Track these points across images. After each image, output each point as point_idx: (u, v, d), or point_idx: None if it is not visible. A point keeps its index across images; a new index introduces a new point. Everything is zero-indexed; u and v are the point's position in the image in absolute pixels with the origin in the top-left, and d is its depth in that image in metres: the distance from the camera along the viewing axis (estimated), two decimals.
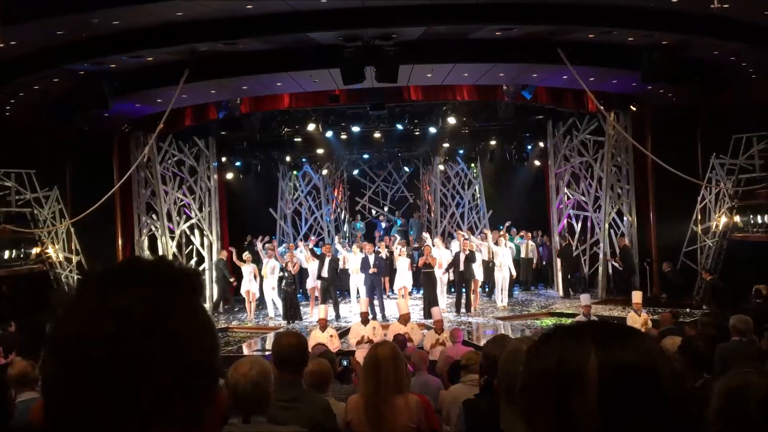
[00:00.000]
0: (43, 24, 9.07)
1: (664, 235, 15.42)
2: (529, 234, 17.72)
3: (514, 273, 15.74)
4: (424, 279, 14.53)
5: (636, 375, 0.85)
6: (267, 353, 9.06)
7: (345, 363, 6.69)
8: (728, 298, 12.70)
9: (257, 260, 15.94)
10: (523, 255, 17.36)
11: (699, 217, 14.65)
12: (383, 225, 21.17)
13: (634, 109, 14.92)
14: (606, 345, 0.87)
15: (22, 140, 13.28)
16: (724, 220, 14.08)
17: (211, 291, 16.94)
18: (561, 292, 16.48)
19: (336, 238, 18.74)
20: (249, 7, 9.42)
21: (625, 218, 16.02)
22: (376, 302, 14.34)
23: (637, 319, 10.93)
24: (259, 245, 16.37)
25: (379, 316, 13.96)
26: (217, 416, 0.83)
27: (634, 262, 15.56)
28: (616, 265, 15.40)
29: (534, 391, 0.90)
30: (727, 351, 5.70)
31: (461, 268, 14.47)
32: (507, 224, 16.81)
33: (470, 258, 14.49)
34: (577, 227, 16.91)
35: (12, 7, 7.17)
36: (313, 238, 19.25)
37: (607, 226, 15.79)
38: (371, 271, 14.39)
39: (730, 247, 14.06)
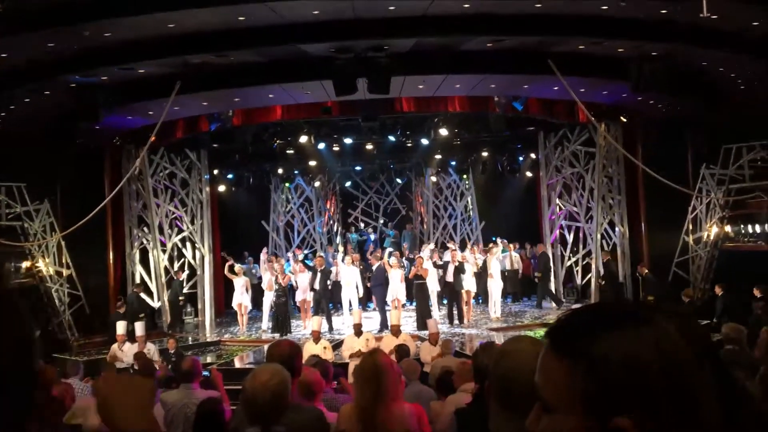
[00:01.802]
0: (35, 36, 9.07)
1: (655, 246, 15.47)
2: (511, 246, 17.64)
3: (501, 284, 15.69)
4: (416, 290, 14.51)
5: (621, 367, 0.83)
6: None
7: (337, 383, 6.65)
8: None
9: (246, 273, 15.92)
10: (508, 267, 17.30)
11: (690, 228, 14.72)
12: (372, 237, 21.15)
13: (625, 120, 15.01)
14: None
15: (12, 153, 13.22)
16: (715, 230, 14.15)
17: (203, 305, 16.87)
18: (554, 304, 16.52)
19: (340, 250, 18.59)
20: (241, 19, 9.45)
21: (616, 228, 16.08)
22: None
23: None
24: (263, 257, 16.23)
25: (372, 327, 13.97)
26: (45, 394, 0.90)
27: (551, 267, 16.21)
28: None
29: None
30: None
31: (450, 278, 14.47)
32: (500, 241, 16.84)
33: (459, 269, 14.49)
34: (570, 238, 16.94)
35: (3, 19, 7.15)
36: (300, 250, 19.14)
37: (599, 236, 15.83)
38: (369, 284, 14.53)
39: (722, 257, 14.11)
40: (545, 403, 0.88)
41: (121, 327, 11.29)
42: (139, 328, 11.20)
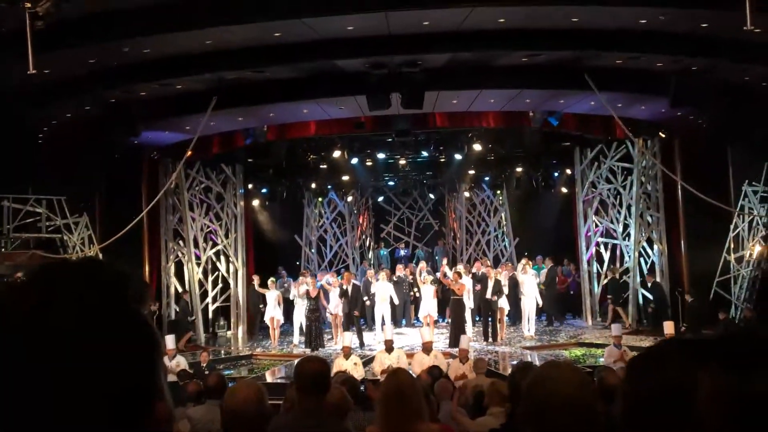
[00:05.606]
0: (76, 52, 9.28)
1: (695, 265, 15.04)
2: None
3: (540, 302, 15.42)
4: (453, 306, 14.32)
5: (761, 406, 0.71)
6: (291, 380, 8.95)
7: (362, 388, 6.53)
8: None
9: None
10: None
11: (732, 246, 14.28)
12: (402, 253, 21.07)
13: (663, 135, 14.70)
14: (730, 366, 0.73)
15: (53, 167, 13.51)
16: (758, 249, 13.72)
17: (242, 316, 16.94)
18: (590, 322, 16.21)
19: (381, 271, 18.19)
20: (276, 35, 9.53)
21: (655, 246, 15.72)
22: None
23: None
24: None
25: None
26: None
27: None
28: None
29: (635, 411, 0.78)
30: None
31: (488, 295, 14.30)
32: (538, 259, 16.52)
33: (497, 287, 14.31)
34: (606, 255, 16.61)
35: (45, 34, 7.32)
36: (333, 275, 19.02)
37: (636, 254, 15.49)
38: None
39: (765, 278, 13.66)
40: None
41: (170, 341, 11.09)
42: (170, 341, 11.17)
